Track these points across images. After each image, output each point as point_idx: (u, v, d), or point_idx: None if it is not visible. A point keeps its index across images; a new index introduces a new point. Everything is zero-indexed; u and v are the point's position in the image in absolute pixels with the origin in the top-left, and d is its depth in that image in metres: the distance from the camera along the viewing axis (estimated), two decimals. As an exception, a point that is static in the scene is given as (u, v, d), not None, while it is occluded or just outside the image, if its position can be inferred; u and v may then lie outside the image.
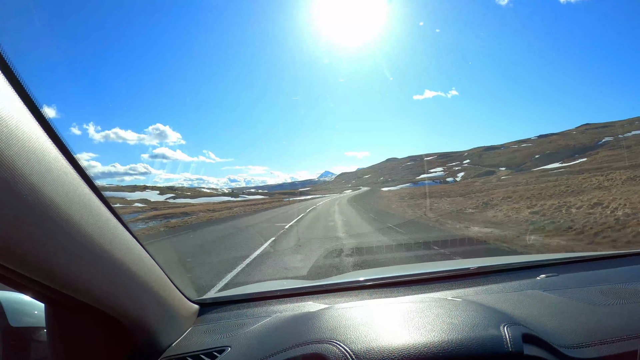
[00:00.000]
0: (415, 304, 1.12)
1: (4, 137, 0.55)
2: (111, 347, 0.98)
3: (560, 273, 1.69)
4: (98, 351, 0.96)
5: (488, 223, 13.86)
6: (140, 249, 1.00)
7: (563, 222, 12.23)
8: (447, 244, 8.08)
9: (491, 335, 0.89)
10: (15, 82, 0.63)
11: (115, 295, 0.86)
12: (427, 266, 2.44)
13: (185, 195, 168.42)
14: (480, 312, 1.04)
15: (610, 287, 1.40)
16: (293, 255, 8.15)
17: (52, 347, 0.92)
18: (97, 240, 0.77)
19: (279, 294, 1.62)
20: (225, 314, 1.46)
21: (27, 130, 0.62)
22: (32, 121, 0.65)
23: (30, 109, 0.66)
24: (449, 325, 0.94)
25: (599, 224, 10.82)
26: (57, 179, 0.67)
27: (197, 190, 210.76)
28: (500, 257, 4.95)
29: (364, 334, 0.93)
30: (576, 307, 1.24)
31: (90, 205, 0.78)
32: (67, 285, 0.71)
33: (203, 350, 1.12)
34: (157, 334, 1.07)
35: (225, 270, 6.84)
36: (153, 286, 1.04)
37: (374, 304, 1.20)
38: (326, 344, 0.92)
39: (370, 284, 1.69)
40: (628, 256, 1.98)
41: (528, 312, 1.16)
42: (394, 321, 1.00)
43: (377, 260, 6.98)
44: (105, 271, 0.82)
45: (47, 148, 0.67)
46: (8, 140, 0.56)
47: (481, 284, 1.62)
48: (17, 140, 0.58)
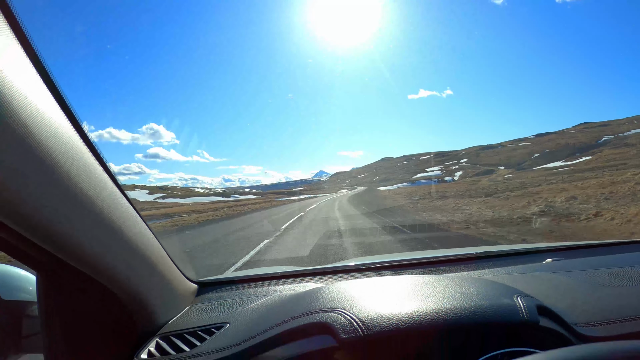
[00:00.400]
0: (420, 278, 1.07)
1: (40, 125, 0.61)
2: (107, 321, 0.96)
3: (566, 258, 1.67)
4: (93, 325, 0.94)
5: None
6: (144, 225, 0.99)
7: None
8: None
9: (506, 304, 0.86)
10: (43, 73, 0.68)
11: (115, 267, 0.85)
12: (431, 252, 2.15)
13: (176, 195, 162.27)
14: (491, 284, 1.02)
15: (617, 270, 1.38)
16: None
17: (44, 322, 0.89)
18: (101, 207, 0.77)
19: (279, 275, 1.59)
20: (224, 294, 1.43)
21: (54, 117, 0.67)
22: (58, 109, 0.70)
23: (52, 93, 0.70)
24: (460, 294, 0.91)
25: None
26: (75, 161, 0.70)
27: (189, 190, 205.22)
28: (505, 245, 4.92)
29: (371, 303, 0.90)
30: (586, 287, 1.22)
31: (104, 186, 0.80)
32: (66, 250, 0.71)
33: (200, 327, 1.10)
34: (155, 310, 1.05)
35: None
36: (154, 261, 1.03)
37: (379, 279, 1.15)
38: (331, 312, 0.89)
39: (375, 267, 1.65)
40: (632, 244, 1.97)
41: (537, 291, 1.13)
42: (403, 291, 0.96)
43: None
44: (107, 238, 0.81)
45: (68, 133, 0.71)
46: (41, 127, 0.62)
47: (486, 267, 1.59)
48: (46, 125, 0.64)
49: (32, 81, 0.65)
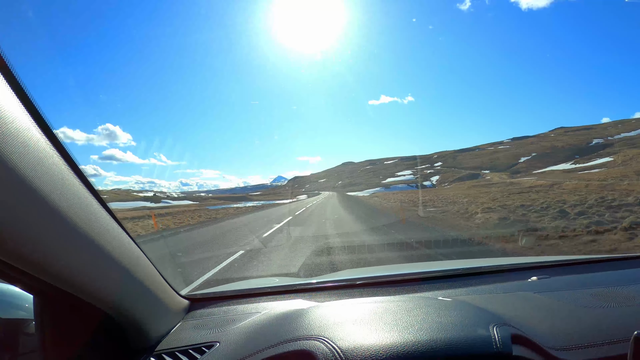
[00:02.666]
0: (404, 303, 1.11)
1: (6, 136, 0.56)
2: (100, 340, 0.97)
3: (551, 275, 1.68)
4: (87, 344, 0.95)
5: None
6: (131, 243, 0.99)
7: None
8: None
9: (480, 335, 0.88)
10: (10, 78, 0.64)
11: (105, 288, 0.85)
12: (418, 266, 2.37)
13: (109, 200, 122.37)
14: (469, 312, 1.04)
15: (601, 290, 1.39)
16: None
17: (41, 340, 0.90)
18: (87, 232, 0.76)
19: (268, 291, 1.61)
20: (214, 310, 1.44)
21: (20, 123, 0.63)
22: (25, 114, 0.66)
23: (23, 103, 0.66)
24: (437, 324, 0.93)
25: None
26: (48, 171, 0.67)
27: (127, 194, 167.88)
28: (492, 258, 4.62)
29: (352, 332, 0.93)
30: (567, 309, 1.24)
31: (80, 197, 0.77)
32: (57, 278, 0.71)
33: (192, 346, 1.12)
34: (147, 328, 1.06)
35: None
36: (144, 280, 1.03)
37: (363, 302, 1.20)
38: (314, 340, 0.92)
39: (361, 283, 1.68)
40: (619, 260, 1.99)
41: (518, 313, 1.16)
42: (383, 320, 0.99)
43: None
44: (96, 264, 0.81)
45: (38, 140, 0.67)
46: (2, 132, 0.57)
47: (472, 285, 1.61)
48: (11, 133, 0.59)
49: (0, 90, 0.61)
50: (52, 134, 0.72)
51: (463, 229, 10.57)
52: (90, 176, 0.72)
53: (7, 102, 0.62)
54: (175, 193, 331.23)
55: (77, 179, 0.78)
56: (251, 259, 7.01)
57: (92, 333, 0.95)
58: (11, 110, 0.61)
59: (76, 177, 0.78)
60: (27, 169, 0.61)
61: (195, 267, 6.38)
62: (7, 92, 0.63)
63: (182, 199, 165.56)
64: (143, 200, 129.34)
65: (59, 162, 0.72)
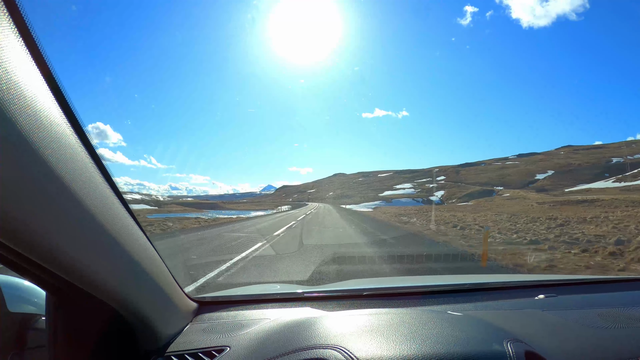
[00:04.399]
0: (419, 316, 1.11)
1: (31, 123, 0.56)
2: (110, 339, 0.97)
3: (558, 294, 1.68)
4: (97, 342, 0.95)
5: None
6: (147, 243, 0.99)
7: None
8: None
9: (495, 350, 0.89)
10: (48, 77, 0.66)
11: (119, 287, 0.86)
12: (425, 279, 2.37)
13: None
14: (483, 327, 1.05)
15: (607, 311, 1.40)
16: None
17: (50, 336, 0.90)
18: (107, 230, 0.77)
19: (278, 297, 1.61)
20: (223, 314, 1.44)
21: (52, 118, 0.63)
22: (57, 109, 0.66)
23: (55, 96, 0.67)
24: (454, 338, 0.94)
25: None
26: (74, 168, 0.67)
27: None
28: (499, 275, 5.03)
29: (369, 342, 0.93)
30: (574, 328, 1.25)
31: (103, 196, 0.78)
32: (73, 273, 0.71)
33: (202, 349, 1.12)
34: (157, 329, 1.06)
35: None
36: (157, 281, 1.04)
37: (377, 313, 1.19)
38: (331, 349, 0.91)
39: (369, 294, 1.67)
40: (626, 281, 2.03)
41: (527, 330, 1.17)
42: (399, 331, 0.99)
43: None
44: (112, 261, 0.82)
45: (68, 137, 0.67)
46: (35, 125, 0.57)
47: (479, 300, 1.61)
48: (42, 127, 0.59)
49: (35, 83, 0.61)
50: (82, 132, 0.73)
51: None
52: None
53: (43, 96, 0.62)
54: (161, 197, 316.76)
55: (101, 176, 0.78)
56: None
57: (102, 332, 0.95)
58: (46, 106, 0.62)
59: (100, 174, 0.78)
60: (53, 161, 0.61)
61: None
62: (49, 97, 0.64)
63: (139, 202, 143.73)
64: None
65: (85, 159, 0.73)
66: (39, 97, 0.60)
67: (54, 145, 0.61)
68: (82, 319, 0.91)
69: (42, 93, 0.62)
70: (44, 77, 0.65)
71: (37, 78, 0.63)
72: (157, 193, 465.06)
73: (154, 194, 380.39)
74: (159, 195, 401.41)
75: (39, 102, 0.60)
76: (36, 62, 0.63)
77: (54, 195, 0.61)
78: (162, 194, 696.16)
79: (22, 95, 0.55)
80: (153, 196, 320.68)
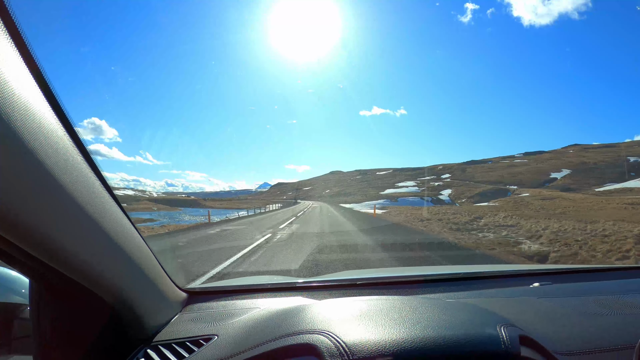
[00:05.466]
0: (409, 301, 1.09)
1: (21, 118, 0.58)
2: (97, 328, 0.96)
3: (554, 282, 1.69)
4: (83, 330, 0.94)
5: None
6: (134, 231, 0.99)
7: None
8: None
9: (488, 334, 0.87)
10: (36, 73, 0.67)
11: (105, 273, 0.85)
12: (420, 269, 2.33)
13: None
14: (476, 312, 1.03)
15: (604, 298, 1.40)
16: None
17: (35, 326, 0.89)
18: (93, 216, 0.77)
19: (269, 287, 1.60)
20: (213, 304, 1.43)
21: (39, 110, 0.64)
22: (43, 100, 0.67)
23: (48, 100, 0.69)
24: (445, 322, 0.92)
25: None
26: (66, 164, 0.69)
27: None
28: (494, 265, 5.29)
29: (357, 327, 0.90)
30: (570, 315, 1.24)
31: (90, 185, 0.78)
32: (58, 259, 0.71)
33: (189, 338, 1.11)
34: (145, 319, 1.06)
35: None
36: (144, 269, 1.03)
37: (367, 299, 1.16)
38: (318, 334, 0.89)
39: (362, 283, 1.67)
40: (621, 270, 2.04)
41: (522, 317, 1.16)
42: (389, 316, 0.96)
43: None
44: (97, 246, 0.81)
45: (55, 129, 0.69)
46: (25, 120, 0.59)
47: (474, 289, 1.60)
48: (32, 120, 0.61)
49: (23, 78, 0.63)
50: (69, 123, 0.74)
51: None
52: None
53: (38, 103, 0.64)
54: (155, 193, 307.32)
55: (94, 175, 0.80)
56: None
57: (88, 320, 0.94)
58: (39, 109, 0.64)
59: (92, 173, 0.80)
60: (49, 162, 0.63)
61: None
62: (39, 95, 0.66)
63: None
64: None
65: (78, 158, 0.75)
66: (25, 90, 0.61)
67: (41, 137, 0.62)
68: (67, 307, 0.90)
69: (29, 87, 0.63)
70: (34, 76, 0.66)
71: (27, 76, 0.64)
72: (152, 189, 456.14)
73: (149, 190, 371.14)
74: (154, 191, 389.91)
75: (30, 102, 0.61)
76: (26, 62, 0.64)
77: (45, 188, 0.62)
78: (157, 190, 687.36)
79: (13, 94, 0.56)
80: (146, 192, 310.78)
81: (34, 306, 0.89)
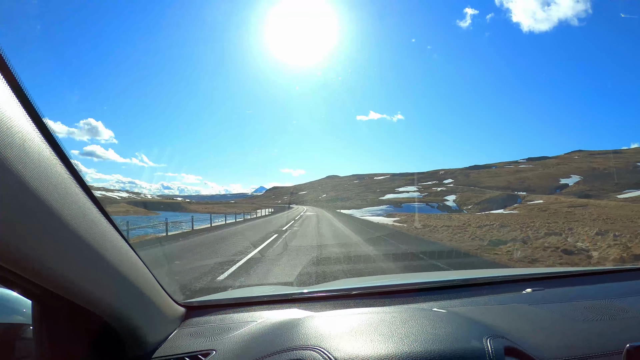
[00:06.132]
0: (399, 314, 1.13)
1: (3, 137, 0.56)
2: (97, 346, 0.97)
3: (545, 287, 1.70)
4: (84, 350, 0.95)
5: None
6: (129, 250, 1.00)
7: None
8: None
9: (473, 347, 0.90)
10: (13, 82, 0.65)
11: (103, 295, 0.86)
12: (413, 277, 2.37)
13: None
14: (463, 324, 1.06)
15: (594, 303, 1.42)
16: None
17: (38, 346, 0.90)
18: (86, 239, 0.77)
19: (265, 300, 1.63)
20: (211, 318, 1.45)
21: (24, 131, 0.63)
22: (29, 122, 0.66)
23: (26, 110, 0.67)
24: (432, 336, 0.95)
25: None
26: (50, 179, 0.67)
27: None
28: (487, 269, 5.00)
29: (348, 343, 0.95)
30: (561, 321, 1.26)
31: (80, 205, 0.78)
32: (55, 284, 0.72)
33: (188, 353, 1.13)
34: (143, 335, 1.07)
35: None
36: (141, 287, 1.04)
37: (359, 313, 1.21)
38: (310, 350, 0.93)
39: (356, 293, 1.69)
40: (612, 272, 2.06)
41: (513, 325, 1.18)
42: (378, 331, 1.00)
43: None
44: (94, 271, 0.82)
45: (41, 147, 0.68)
46: (7, 140, 0.57)
47: (466, 296, 1.62)
48: (15, 140, 0.59)
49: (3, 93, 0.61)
50: (55, 141, 0.73)
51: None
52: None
53: (12, 110, 0.62)
54: (150, 195, 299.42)
55: (78, 187, 0.79)
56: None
57: (89, 340, 0.95)
58: (16, 118, 0.62)
59: (77, 185, 0.78)
60: (30, 176, 0.61)
61: None
62: (12, 100, 0.64)
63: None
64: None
65: (60, 170, 0.73)
66: (4, 106, 0.59)
67: (23, 156, 0.61)
68: (68, 327, 0.91)
69: (7, 101, 0.61)
70: (9, 84, 0.64)
71: (3, 87, 0.62)
72: (148, 192, 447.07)
73: (145, 192, 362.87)
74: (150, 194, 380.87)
75: (4, 112, 0.59)
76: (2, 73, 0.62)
77: (32, 208, 0.61)
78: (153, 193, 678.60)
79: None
80: (141, 195, 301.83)
81: (36, 326, 0.90)
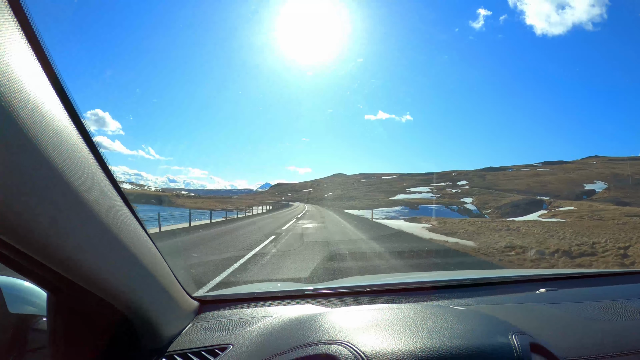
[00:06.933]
0: (422, 310, 1.11)
1: (32, 118, 0.56)
2: (112, 338, 0.97)
3: (560, 288, 1.70)
4: (98, 342, 0.95)
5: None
6: (149, 242, 0.99)
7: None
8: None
9: (500, 343, 0.89)
10: (50, 72, 0.65)
11: (121, 285, 0.86)
12: (427, 275, 2.40)
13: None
14: (487, 320, 1.05)
15: (609, 303, 1.41)
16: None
17: (52, 336, 0.90)
18: (112, 229, 0.77)
19: (280, 295, 1.62)
20: (225, 312, 1.44)
21: (53, 113, 0.63)
22: (61, 108, 0.67)
23: (59, 97, 0.67)
24: (459, 331, 0.94)
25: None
26: (77, 166, 0.67)
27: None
28: (501, 269, 5.52)
29: (374, 337, 0.92)
30: (577, 321, 1.26)
31: (106, 191, 0.78)
32: (74, 270, 0.71)
33: (204, 347, 1.12)
34: (159, 328, 1.06)
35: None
36: (159, 280, 1.04)
37: (379, 308, 1.18)
38: (336, 344, 0.90)
39: (372, 290, 1.69)
40: (627, 274, 2.06)
41: (529, 324, 1.17)
42: (404, 325, 0.98)
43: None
44: (114, 260, 0.82)
45: (69, 133, 0.67)
46: (36, 121, 0.57)
47: (482, 295, 1.62)
48: (44, 122, 0.59)
49: (37, 77, 0.61)
50: (84, 128, 0.72)
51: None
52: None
53: (49, 100, 0.62)
54: (154, 188, 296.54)
55: (103, 173, 0.78)
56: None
57: (103, 331, 0.94)
58: (51, 107, 0.62)
59: (102, 171, 0.78)
60: (57, 158, 0.61)
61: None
62: (50, 91, 0.64)
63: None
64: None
65: (89, 159, 0.73)
66: (40, 93, 0.60)
67: (55, 141, 0.61)
68: (83, 318, 0.90)
69: (44, 88, 0.62)
70: (46, 73, 0.64)
71: (39, 73, 0.62)
72: (154, 184, 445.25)
73: (150, 185, 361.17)
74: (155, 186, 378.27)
75: (40, 98, 0.59)
76: (38, 58, 0.63)
77: (55, 191, 0.61)
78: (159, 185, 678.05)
79: (22, 89, 0.55)
80: (146, 187, 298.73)
81: (51, 317, 0.89)
